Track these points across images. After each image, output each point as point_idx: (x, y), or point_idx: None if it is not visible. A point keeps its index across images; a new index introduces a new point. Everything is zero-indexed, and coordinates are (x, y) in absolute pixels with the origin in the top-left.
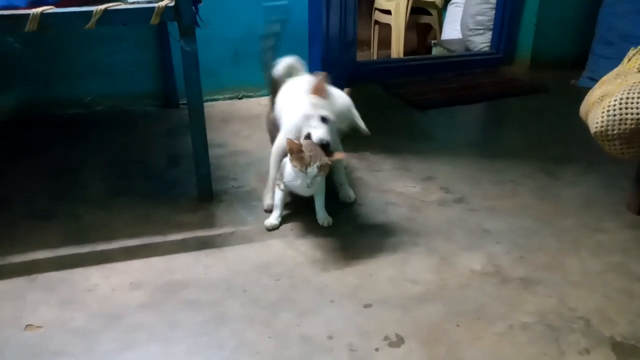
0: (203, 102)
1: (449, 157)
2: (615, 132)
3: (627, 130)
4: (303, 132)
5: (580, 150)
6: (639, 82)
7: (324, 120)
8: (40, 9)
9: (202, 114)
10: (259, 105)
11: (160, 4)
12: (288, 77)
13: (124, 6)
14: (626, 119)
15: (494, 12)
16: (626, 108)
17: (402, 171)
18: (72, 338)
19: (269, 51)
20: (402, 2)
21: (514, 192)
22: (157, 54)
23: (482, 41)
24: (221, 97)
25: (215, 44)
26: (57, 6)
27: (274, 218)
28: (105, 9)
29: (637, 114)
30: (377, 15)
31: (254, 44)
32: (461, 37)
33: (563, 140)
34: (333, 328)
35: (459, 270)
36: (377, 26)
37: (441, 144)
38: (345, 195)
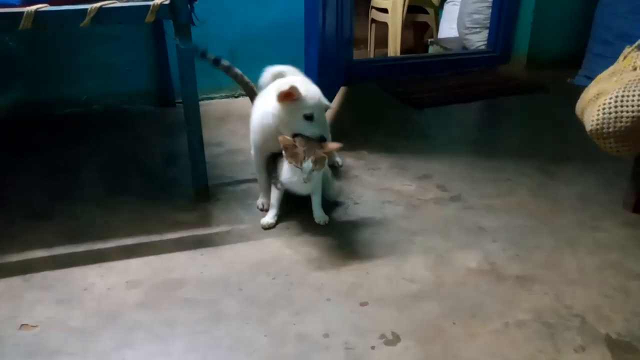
0: (199, 100)
1: (445, 156)
2: (610, 130)
3: (622, 128)
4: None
5: (577, 149)
6: (635, 80)
7: (308, 118)
8: (35, 7)
9: (198, 113)
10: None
11: (156, 2)
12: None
13: (119, 4)
14: (622, 117)
15: (490, 10)
16: (622, 106)
17: (399, 170)
18: (68, 337)
19: (217, 62)
20: (399, 1)
21: (510, 190)
22: (154, 52)
23: (478, 40)
24: (218, 95)
25: (211, 42)
26: (51, 4)
27: (270, 217)
28: (100, 7)
29: (633, 112)
30: (374, 14)
31: (251, 43)
32: (458, 35)
33: (559, 139)
34: (329, 326)
35: (455, 268)
36: (373, 25)
37: (438, 143)
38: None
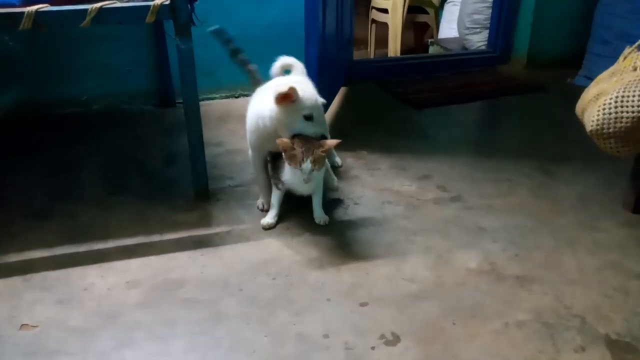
0: (199, 100)
1: (445, 156)
2: (611, 130)
3: (622, 129)
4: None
5: (577, 149)
6: (635, 80)
7: (308, 118)
8: (35, 7)
9: (198, 113)
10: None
11: (156, 2)
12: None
13: (119, 4)
14: (622, 117)
15: (490, 10)
16: (622, 106)
17: (399, 170)
18: (68, 337)
19: (236, 53)
20: (399, 1)
21: (510, 190)
22: (154, 52)
23: (478, 40)
24: (218, 95)
25: (212, 42)
26: (52, 4)
27: (270, 217)
28: (101, 7)
29: (633, 112)
30: (374, 14)
31: (252, 43)
32: (458, 35)
33: (559, 139)
34: (329, 326)
35: (455, 269)
36: (374, 25)
37: (438, 143)
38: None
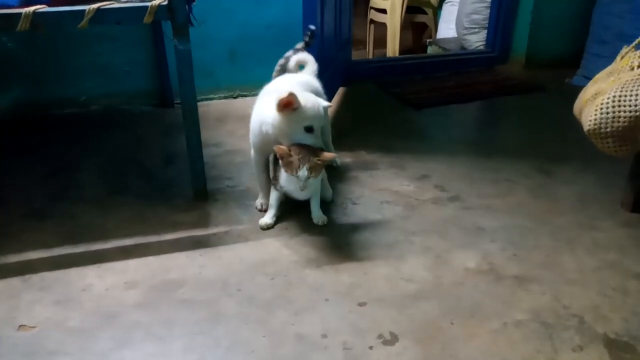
0: (197, 101)
1: (444, 156)
2: (608, 129)
3: (620, 128)
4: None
5: (575, 149)
6: (632, 79)
7: (308, 130)
8: (33, 8)
9: (196, 114)
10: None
11: (154, 2)
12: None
13: (117, 5)
14: (619, 116)
15: (489, 10)
16: (619, 106)
17: (398, 170)
18: (67, 337)
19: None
20: (398, 1)
21: (509, 190)
22: (152, 53)
23: (477, 40)
24: (216, 96)
25: (210, 43)
26: (49, 5)
27: (268, 217)
28: (98, 8)
29: (630, 111)
30: (373, 14)
31: (250, 43)
32: (456, 35)
33: (558, 139)
34: (328, 326)
35: (453, 269)
36: (372, 25)
37: (436, 143)
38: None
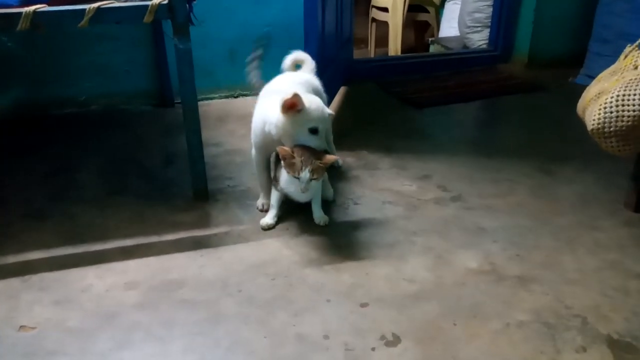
0: (198, 101)
1: (445, 156)
2: (612, 129)
3: (623, 127)
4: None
5: (577, 148)
6: (636, 79)
7: (313, 131)
8: (33, 8)
9: (197, 113)
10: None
11: (154, 1)
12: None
13: (117, 4)
14: (623, 116)
15: (491, 9)
16: (623, 105)
17: (399, 170)
18: (67, 338)
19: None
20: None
21: (510, 190)
22: (152, 52)
23: (479, 39)
24: (217, 96)
25: (211, 42)
26: (49, 4)
27: (269, 217)
28: (98, 7)
29: (634, 110)
30: (374, 13)
31: (250, 43)
32: (459, 34)
33: (560, 138)
34: (329, 327)
35: (455, 269)
36: (374, 24)
37: (438, 143)
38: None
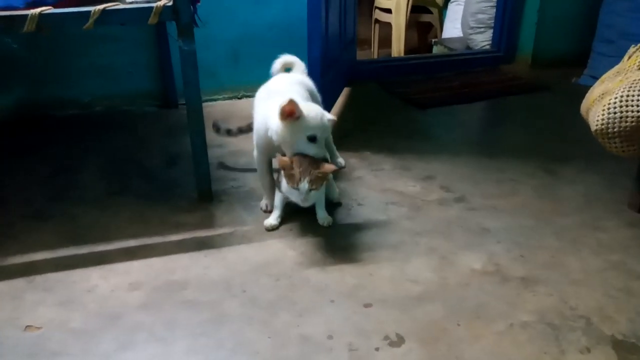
0: (202, 102)
1: (449, 156)
2: (615, 129)
3: (627, 128)
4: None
5: (581, 149)
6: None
7: (312, 139)
8: (39, 10)
9: (201, 114)
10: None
11: (159, 3)
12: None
13: (122, 6)
14: (627, 116)
15: (494, 10)
16: (627, 106)
17: (402, 170)
18: (70, 338)
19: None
20: (403, 1)
21: (514, 191)
22: (156, 54)
23: (483, 39)
24: (221, 97)
25: (214, 44)
26: (55, 7)
27: (273, 218)
28: (104, 9)
29: (638, 111)
30: (378, 14)
31: (252, 44)
32: (462, 35)
33: (564, 139)
34: (333, 328)
35: (459, 270)
36: (377, 25)
37: (441, 143)
38: (331, 195)
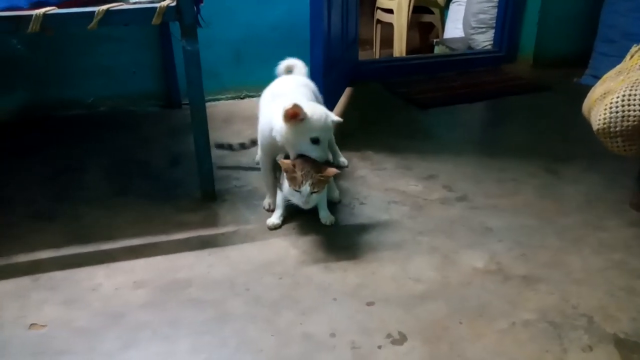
0: (205, 102)
1: (451, 156)
2: (617, 129)
3: (629, 127)
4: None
5: (583, 148)
6: None
7: (315, 141)
8: (43, 10)
9: (204, 114)
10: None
11: (162, 3)
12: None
13: (126, 6)
14: (629, 115)
15: (496, 10)
16: (628, 105)
17: (405, 170)
18: (75, 337)
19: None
20: (404, 1)
21: (516, 190)
22: (159, 54)
23: (484, 39)
24: (223, 97)
25: (217, 44)
26: (59, 7)
27: (276, 217)
28: (107, 10)
29: None
30: (379, 14)
31: (255, 44)
32: (463, 35)
33: (565, 139)
34: (335, 326)
35: (461, 268)
36: (379, 25)
37: (443, 143)
38: (331, 195)
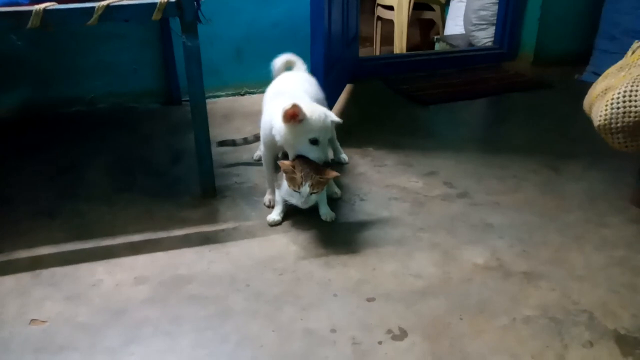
0: (205, 98)
1: (452, 153)
2: (619, 125)
3: (630, 123)
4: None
5: (584, 145)
6: None
7: (314, 142)
8: (43, 6)
9: (205, 111)
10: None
11: None
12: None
13: (126, 2)
14: (630, 111)
15: (497, 7)
16: (630, 101)
17: (405, 166)
18: (76, 333)
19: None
20: None
21: (517, 187)
22: (160, 51)
23: (485, 36)
24: (224, 93)
25: (218, 41)
26: (59, 2)
27: (276, 214)
28: (108, 5)
29: None
30: (380, 11)
31: (256, 42)
32: (464, 32)
33: (567, 136)
34: (336, 322)
35: (462, 265)
36: (379, 22)
37: (444, 140)
38: (331, 191)
